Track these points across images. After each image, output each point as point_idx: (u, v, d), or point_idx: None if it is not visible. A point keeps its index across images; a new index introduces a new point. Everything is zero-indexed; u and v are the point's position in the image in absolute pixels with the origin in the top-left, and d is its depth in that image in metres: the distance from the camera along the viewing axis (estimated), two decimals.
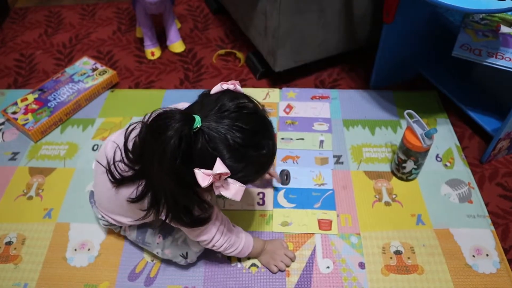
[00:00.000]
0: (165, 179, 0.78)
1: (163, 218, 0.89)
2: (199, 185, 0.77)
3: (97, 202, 1.10)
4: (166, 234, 1.07)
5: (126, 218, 1.04)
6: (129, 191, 0.91)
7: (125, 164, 0.90)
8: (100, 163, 0.96)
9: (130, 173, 0.90)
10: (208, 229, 0.96)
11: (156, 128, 0.75)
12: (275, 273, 1.10)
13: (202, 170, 0.76)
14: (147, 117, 0.80)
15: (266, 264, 1.11)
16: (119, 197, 0.95)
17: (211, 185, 0.79)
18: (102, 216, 1.10)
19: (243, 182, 0.81)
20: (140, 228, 1.09)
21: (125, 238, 1.17)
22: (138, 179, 0.89)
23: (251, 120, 0.80)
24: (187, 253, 1.06)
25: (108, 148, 0.96)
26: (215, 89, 0.84)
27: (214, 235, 0.97)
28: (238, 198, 0.81)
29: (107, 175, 0.93)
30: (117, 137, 0.98)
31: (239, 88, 0.85)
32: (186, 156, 0.75)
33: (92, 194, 1.15)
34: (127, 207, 0.97)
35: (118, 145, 0.92)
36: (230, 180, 0.79)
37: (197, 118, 0.76)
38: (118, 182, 0.92)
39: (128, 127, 0.91)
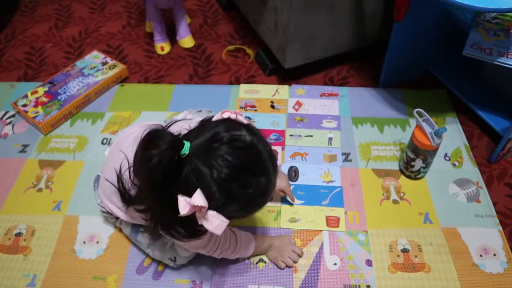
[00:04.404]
0: (148, 195, 0.79)
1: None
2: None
3: (101, 190, 1.10)
4: (156, 237, 1.08)
5: (124, 214, 1.04)
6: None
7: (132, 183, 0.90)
8: (112, 184, 0.95)
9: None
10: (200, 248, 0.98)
11: (145, 143, 0.75)
12: (283, 269, 1.10)
13: (185, 198, 0.74)
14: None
15: (274, 260, 1.11)
16: None
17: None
18: (101, 202, 1.10)
19: (227, 217, 0.77)
20: (134, 225, 1.10)
21: None
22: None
23: (242, 155, 0.77)
24: (175, 257, 1.07)
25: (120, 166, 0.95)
26: (216, 116, 0.81)
27: (209, 251, 1.00)
28: (219, 232, 0.77)
29: (120, 195, 0.94)
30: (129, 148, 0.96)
31: (241, 118, 0.81)
32: (169, 180, 0.74)
33: (97, 177, 1.15)
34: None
35: (129, 167, 0.91)
36: (212, 212, 0.76)
37: (186, 145, 0.74)
38: (128, 203, 0.93)
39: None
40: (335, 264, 1.12)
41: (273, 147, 1.38)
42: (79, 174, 1.34)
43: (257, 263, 1.12)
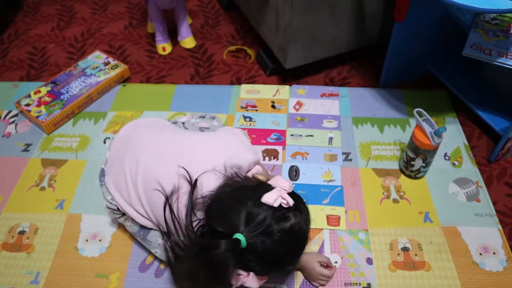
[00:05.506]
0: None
1: None
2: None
3: (114, 187, 1.07)
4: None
5: (142, 218, 1.04)
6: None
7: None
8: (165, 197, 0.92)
9: None
10: None
11: (204, 261, 0.78)
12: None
13: (240, 271, 0.84)
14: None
15: (309, 282, 1.09)
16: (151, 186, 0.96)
17: None
18: (112, 199, 1.08)
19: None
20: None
21: None
22: None
23: (289, 244, 0.85)
24: None
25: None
26: (267, 199, 0.83)
27: None
28: (257, 285, 0.87)
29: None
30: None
31: (288, 200, 0.84)
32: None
33: (102, 171, 1.13)
34: (152, 203, 0.99)
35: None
36: (253, 276, 0.86)
37: (243, 241, 0.80)
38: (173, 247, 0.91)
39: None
40: (336, 262, 1.12)
41: (274, 147, 1.39)
42: (82, 173, 1.35)
43: None
